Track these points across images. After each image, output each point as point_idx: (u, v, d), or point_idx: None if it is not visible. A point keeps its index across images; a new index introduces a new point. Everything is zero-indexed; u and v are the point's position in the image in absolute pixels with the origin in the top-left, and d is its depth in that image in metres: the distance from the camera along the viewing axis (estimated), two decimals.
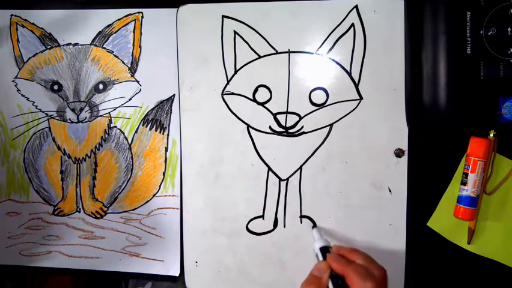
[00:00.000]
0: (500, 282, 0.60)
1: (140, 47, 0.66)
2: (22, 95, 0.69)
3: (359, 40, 0.59)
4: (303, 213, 0.63)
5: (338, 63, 0.60)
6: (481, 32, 0.56)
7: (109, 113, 0.68)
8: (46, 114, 0.69)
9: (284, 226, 0.64)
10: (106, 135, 0.68)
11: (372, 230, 0.61)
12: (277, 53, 0.61)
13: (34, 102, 0.69)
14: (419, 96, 0.59)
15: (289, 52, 0.61)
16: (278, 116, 0.62)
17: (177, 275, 0.67)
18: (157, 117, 0.67)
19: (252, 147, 0.63)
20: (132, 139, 0.68)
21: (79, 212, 0.69)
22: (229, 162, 0.64)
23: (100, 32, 0.67)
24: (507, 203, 0.58)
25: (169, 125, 0.66)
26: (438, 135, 0.60)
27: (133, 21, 0.66)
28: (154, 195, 0.68)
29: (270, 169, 0.63)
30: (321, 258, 0.54)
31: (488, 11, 0.56)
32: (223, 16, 0.62)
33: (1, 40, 0.68)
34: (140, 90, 0.67)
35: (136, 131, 0.67)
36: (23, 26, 0.68)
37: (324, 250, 0.54)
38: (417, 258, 0.61)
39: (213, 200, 0.65)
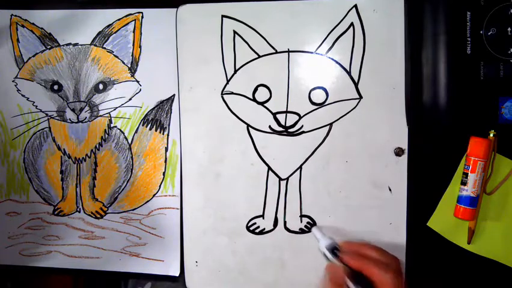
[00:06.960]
0: (500, 282, 0.60)
1: (140, 47, 0.66)
2: (22, 95, 0.69)
3: (358, 39, 0.59)
4: (303, 213, 0.63)
5: (337, 62, 0.60)
6: (481, 32, 0.56)
7: (109, 113, 0.68)
8: (46, 114, 0.69)
9: (284, 226, 0.64)
10: (106, 135, 0.68)
11: (372, 229, 0.61)
12: (276, 52, 0.62)
13: (34, 102, 0.69)
14: (419, 96, 0.59)
15: (288, 51, 0.61)
16: (278, 116, 0.62)
17: (177, 275, 0.67)
18: (157, 117, 0.67)
19: (252, 146, 0.63)
20: (132, 139, 0.68)
21: (79, 212, 0.69)
22: (229, 162, 0.64)
23: (100, 32, 0.67)
24: (507, 203, 0.58)
25: (169, 125, 0.66)
26: (438, 135, 0.60)
27: (133, 21, 0.66)
28: (154, 195, 0.68)
29: (270, 168, 0.63)
30: (330, 257, 0.53)
31: (488, 11, 0.56)
32: (223, 16, 0.62)
33: (1, 40, 0.68)
34: (140, 90, 0.67)
35: (136, 131, 0.67)
36: (23, 26, 0.68)
37: (332, 248, 0.53)
38: (417, 258, 0.61)
39: (213, 199, 0.65)
